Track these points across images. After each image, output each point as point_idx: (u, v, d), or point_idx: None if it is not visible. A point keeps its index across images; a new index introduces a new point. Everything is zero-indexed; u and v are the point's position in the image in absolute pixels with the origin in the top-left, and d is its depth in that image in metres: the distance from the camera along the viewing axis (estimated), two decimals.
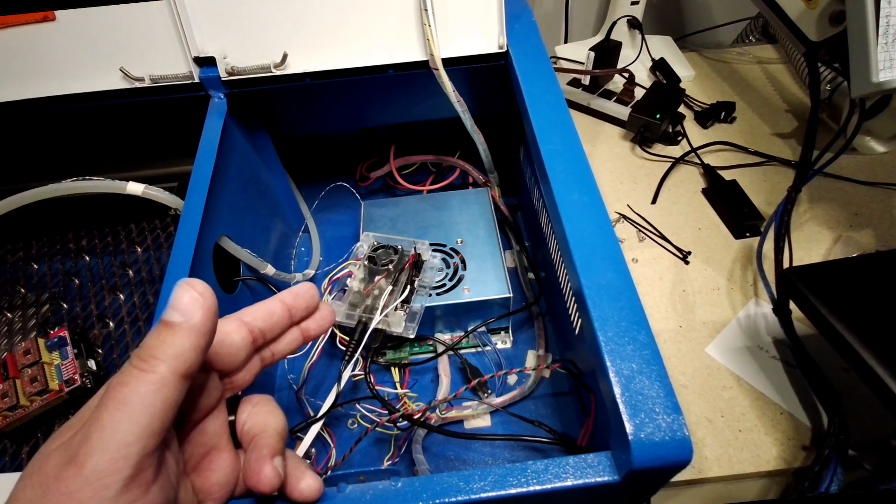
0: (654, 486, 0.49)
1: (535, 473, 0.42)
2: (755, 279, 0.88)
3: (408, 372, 0.77)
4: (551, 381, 0.75)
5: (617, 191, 1.04)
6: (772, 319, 0.81)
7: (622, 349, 0.45)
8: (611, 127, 1.18)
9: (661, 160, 1.09)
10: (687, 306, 0.85)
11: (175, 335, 0.34)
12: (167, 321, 0.34)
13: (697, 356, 0.79)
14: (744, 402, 0.74)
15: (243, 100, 0.77)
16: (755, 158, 1.08)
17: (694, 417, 0.73)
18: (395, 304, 0.66)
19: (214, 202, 0.65)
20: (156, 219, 0.97)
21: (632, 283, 0.49)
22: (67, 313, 0.86)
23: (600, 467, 0.43)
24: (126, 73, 0.71)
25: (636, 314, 0.47)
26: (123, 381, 0.33)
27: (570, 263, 0.52)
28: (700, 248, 0.93)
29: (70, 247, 0.95)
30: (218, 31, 0.71)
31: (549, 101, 0.66)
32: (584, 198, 0.56)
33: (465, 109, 0.75)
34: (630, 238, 0.96)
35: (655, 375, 0.44)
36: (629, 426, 0.41)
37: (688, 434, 0.41)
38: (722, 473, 0.68)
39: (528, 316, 0.82)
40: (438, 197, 0.88)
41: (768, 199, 0.99)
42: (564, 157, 0.60)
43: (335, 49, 0.71)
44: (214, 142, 0.69)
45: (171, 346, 0.34)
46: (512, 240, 0.91)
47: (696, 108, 1.19)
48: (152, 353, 0.33)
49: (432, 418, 0.70)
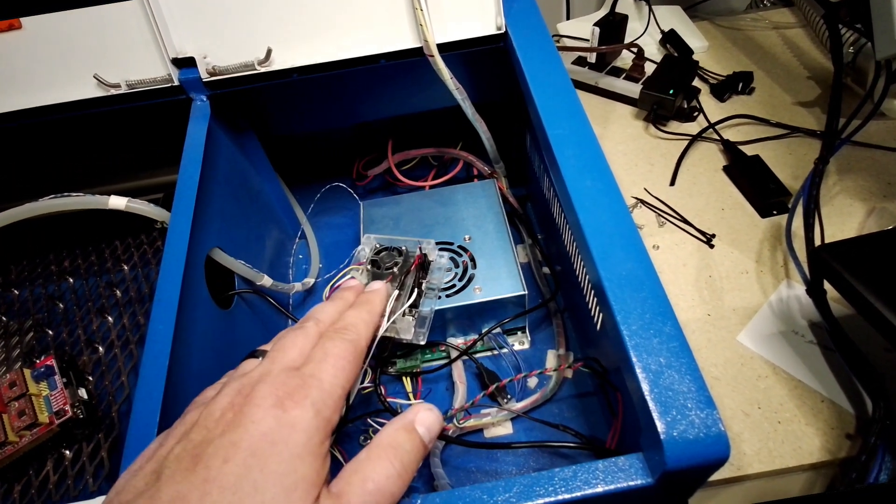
0: (690, 487, 0.49)
1: (564, 481, 0.42)
2: (785, 259, 0.88)
3: (420, 381, 0.77)
4: (574, 382, 0.75)
5: (632, 174, 1.04)
6: (806, 301, 0.81)
7: (648, 343, 0.45)
8: (622, 106, 1.18)
9: (677, 138, 1.09)
10: (714, 293, 0.85)
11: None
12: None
13: (729, 345, 0.79)
14: (781, 392, 0.74)
15: (228, 101, 0.77)
16: (778, 130, 1.08)
17: (729, 411, 0.73)
18: (402, 309, 0.66)
19: (203, 212, 0.65)
20: (142, 234, 0.97)
21: (654, 271, 0.49)
22: (53, 340, 0.86)
23: (632, 470, 0.43)
24: (101, 80, 0.71)
25: (661, 304, 0.47)
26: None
27: (586, 254, 0.52)
28: (724, 229, 0.93)
29: (52, 269, 0.95)
30: (196, 30, 0.71)
31: (554, 83, 0.66)
32: (597, 184, 0.56)
33: (464, 97, 0.75)
34: (649, 223, 0.96)
35: (685, 369, 0.44)
36: (660, 424, 0.41)
37: (723, 429, 0.41)
38: (762, 469, 0.68)
39: (546, 313, 0.82)
40: (442, 192, 0.88)
41: (794, 174, 0.99)
42: (574, 141, 0.60)
43: (322, 41, 0.72)
44: (199, 147, 0.69)
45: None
46: (523, 233, 0.91)
47: (712, 80, 1.19)
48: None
49: (450, 429, 0.70)
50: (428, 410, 0.47)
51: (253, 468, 0.36)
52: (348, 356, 0.46)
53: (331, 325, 0.50)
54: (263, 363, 0.45)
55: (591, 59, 1.22)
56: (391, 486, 0.40)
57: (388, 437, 0.43)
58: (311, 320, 0.50)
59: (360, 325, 0.50)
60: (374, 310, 0.55)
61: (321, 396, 0.41)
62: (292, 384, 0.41)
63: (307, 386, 0.42)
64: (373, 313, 0.54)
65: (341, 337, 0.48)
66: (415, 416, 0.45)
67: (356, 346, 0.48)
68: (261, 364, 0.45)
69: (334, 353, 0.45)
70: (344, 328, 0.49)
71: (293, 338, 0.47)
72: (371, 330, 0.52)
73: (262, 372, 0.43)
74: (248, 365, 0.46)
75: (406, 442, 0.43)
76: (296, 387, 0.41)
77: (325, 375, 0.43)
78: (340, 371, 0.44)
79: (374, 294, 0.57)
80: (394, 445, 0.42)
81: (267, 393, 0.40)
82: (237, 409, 0.40)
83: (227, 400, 0.41)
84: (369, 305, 0.55)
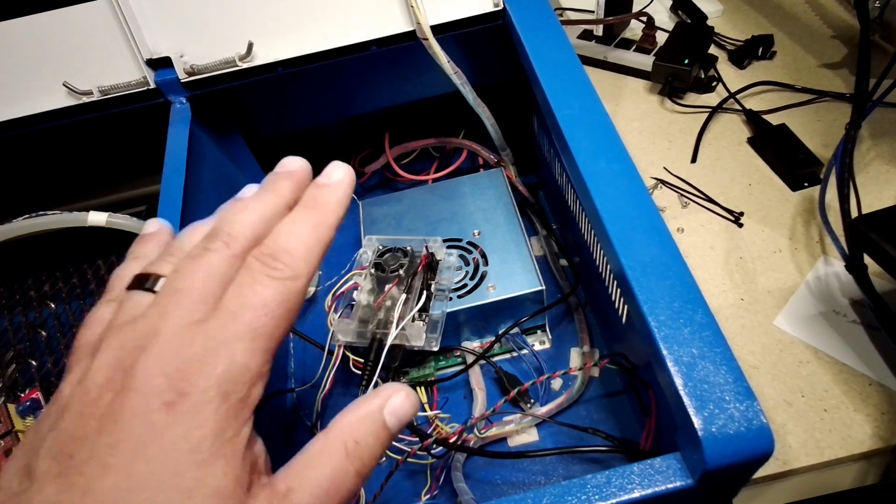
0: (734, 485, 0.49)
1: (597, 488, 0.43)
2: (821, 234, 0.88)
3: (436, 390, 0.77)
4: (602, 381, 0.75)
5: (650, 153, 1.04)
6: (846, 278, 0.81)
7: (678, 333, 0.45)
8: (634, 80, 1.18)
9: (696, 111, 1.09)
10: (746, 275, 0.85)
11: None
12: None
13: (766, 331, 0.79)
14: (825, 378, 0.74)
15: (209, 102, 0.77)
16: (804, 96, 1.07)
17: (770, 402, 0.73)
18: (411, 314, 0.66)
19: (190, 223, 0.65)
20: (126, 250, 0.97)
21: (680, 256, 0.49)
22: (38, 371, 0.86)
23: (670, 472, 0.43)
24: (71, 88, 0.72)
25: (689, 291, 0.47)
26: None
27: (606, 242, 0.53)
28: (753, 206, 0.93)
29: (31, 294, 0.95)
30: (170, 27, 0.71)
31: (560, 60, 0.66)
32: (613, 166, 0.56)
33: (464, 81, 0.75)
34: (672, 205, 0.96)
35: (720, 359, 0.44)
36: (697, 420, 0.41)
37: (766, 421, 0.41)
38: (810, 462, 0.68)
39: (566, 309, 0.82)
40: (446, 185, 0.88)
41: (825, 141, 0.99)
42: (585, 121, 0.60)
43: (307, 31, 0.72)
44: (182, 153, 0.69)
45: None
46: (537, 224, 0.91)
47: (729, 46, 1.19)
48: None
49: (471, 440, 0.70)
50: (402, 395, 0.39)
51: (143, 480, 0.31)
52: (276, 309, 0.36)
53: (252, 243, 0.38)
54: (151, 313, 0.35)
55: (597, 31, 1.22)
56: (348, 483, 0.35)
57: (349, 428, 0.37)
58: (219, 238, 0.37)
59: (298, 252, 0.37)
60: (326, 222, 0.40)
61: (231, 373, 0.33)
62: (188, 355, 0.33)
63: (210, 358, 0.33)
64: (322, 228, 0.40)
65: (268, 275, 0.36)
66: (384, 403, 0.38)
67: (290, 289, 0.36)
68: (148, 313, 0.35)
69: (254, 305, 0.35)
70: (273, 256, 0.37)
71: (192, 271, 0.36)
72: (316, 258, 0.39)
73: (148, 330, 0.34)
74: (133, 303, 0.37)
75: (369, 435, 0.37)
76: (194, 360, 0.33)
77: (237, 342, 0.34)
78: (261, 332, 0.35)
79: (327, 192, 0.41)
80: (355, 438, 0.36)
81: (153, 371, 0.32)
82: (116, 389, 0.32)
83: (102, 375, 0.33)
84: (318, 214, 0.40)
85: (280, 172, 0.42)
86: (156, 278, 0.37)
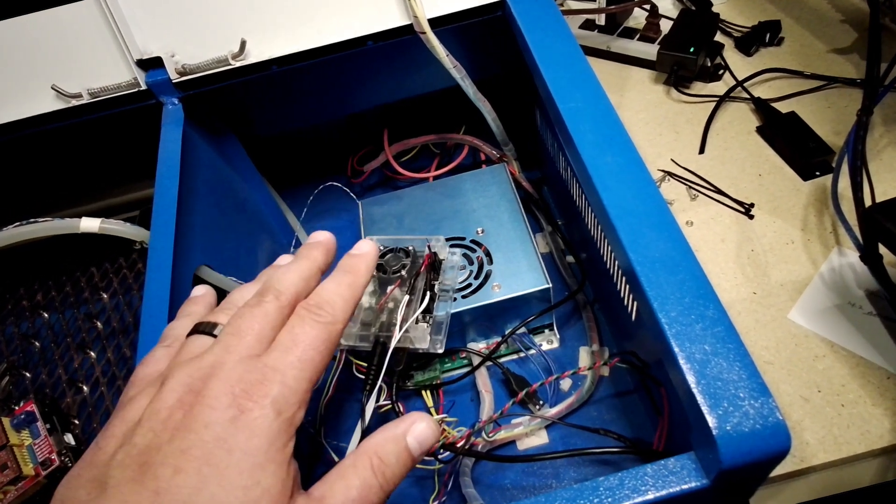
0: (750, 485, 0.49)
1: (609, 491, 0.43)
2: (834, 224, 0.87)
3: (442, 393, 0.77)
4: (612, 380, 0.75)
5: (656, 144, 1.04)
6: (861, 269, 0.81)
7: (690, 330, 0.45)
8: (638, 70, 1.18)
9: (703, 101, 1.09)
10: (759, 268, 0.85)
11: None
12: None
13: (780, 325, 0.79)
14: (842, 372, 0.74)
15: (202, 102, 0.77)
16: (813, 83, 1.07)
17: (786, 398, 0.73)
18: (415, 315, 0.66)
19: (186, 227, 0.65)
20: (120, 257, 0.97)
21: (690, 250, 0.49)
22: (32, 383, 0.86)
23: (684, 472, 0.43)
24: (60, 91, 0.72)
25: (700, 286, 0.47)
26: None
27: (613, 238, 0.53)
28: (764, 197, 0.93)
29: (23, 304, 0.95)
30: (161, 26, 0.71)
31: (562, 51, 0.66)
32: (618, 158, 0.56)
33: (463, 75, 0.75)
34: (680, 197, 0.96)
35: (733, 355, 0.44)
36: (711, 419, 0.41)
37: (782, 418, 0.41)
38: (828, 459, 0.68)
39: (574, 307, 0.82)
40: (448, 183, 0.88)
41: (836, 129, 0.99)
42: (589, 114, 0.60)
43: (301, 27, 0.72)
44: (175, 156, 0.69)
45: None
46: (542, 220, 0.91)
47: (735, 33, 1.19)
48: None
49: (479, 443, 0.70)
50: (424, 423, 0.46)
51: (209, 480, 0.36)
52: (320, 345, 0.44)
53: (296, 298, 0.47)
54: (216, 349, 0.43)
55: (599, 21, 1.22)
56: (373, 497, 0.41)
57: (376, 447, 0.44)
58: (270, 293, 0.46)
59: (337, 304, 0.47)
60: (358, 282, 0.51)
61: (284, 394, 0.40)
62: (250, 379, 0.40)
63: (268, 381, 0.40)
64: (355, 287, 0.51)
65: (314, 319, 0.45)
66: (408, 428, 0.45)
67: (331, 331, 0.45)
68: (213, 349, 0.43)
69: (304, 342, 0.43)
70: (318, 306, 0.46)
71: (250, 317, 0.44)
72: (350, 308, 0.49)
73: (214, 361, 0.41)
74: (196, 344, 0.45)
75: (392, 454, 0.44)
76: (255, 382, 0.40)
77: (289, 370, 0.42)
78: (308, 364, 0.43)
79: (358, 260, 0.53)
80: (380, 455, 0.43)
81: (221, 391, 0.39)
82: (187, 408, 0.39)
83: (174, 397, 0.40)
84: (352, 276, 0.51)
85: (312, 243, 0.53)
86: (214, 325, 0.47)
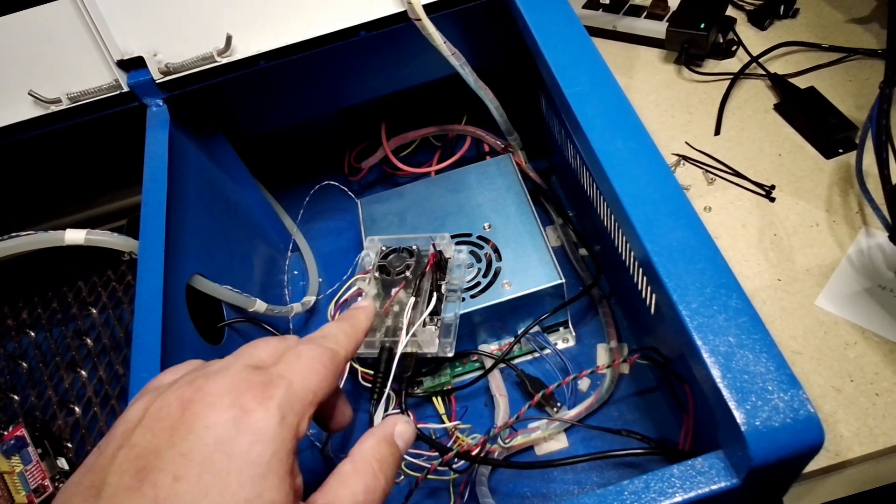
0: (784, 482, 0.49)
1: (635, 494, 0.43)
2: (860, 204, 0.87)
3: (454, 399, 0.78)
4: (633, 378, 0.75)
5: (669, 127, 1.04)
6: (890, 249, 0.80)
7: (712, 321, 0.45)
8: (647, 50, 1.18)
9: (716, 79, 1.09)
10: (782, 253, 0.85)
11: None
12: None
13: (807, 312, 0.79)
14: (875, 359, 0.74)
15: (188, 102, 0.77)
16: (832, 55, 1.07)
17: (817, 389, 0.73)
18: (422, 318, 0.66)
19: (176, 235, 0.66)
20: (108, 269, 0.97)
21: (709, 237, 0.49)
22: (21, 406, 0.86)
23: (713, 472, 0.43)
24: (37, 97, 0.72)
25: (722, 275, 0.47)
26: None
27: (628, 227, 0.52)
28: (785, 178, 0.93)
29: (8, 323, 0.95)
30: (141, 24, 0.71)
31: (565, 33, 0.66)
32: (629, 144, 0.56)
33: (463, 63, 0.75)
34: (697, 182, 0.96)
35: (760, 346, 0.44)
36: (739, 414, 0.41)
37: (813, 411, 0.41)
38: (864, 452, 0.68)
39: (590, 302, 0.82)
40: (451, 177, 0.88)
41: (858, 103, 0.99)
42: (596, 97, 0.60)
43: (289, 19, 0.72)
44: (162, 160, 0.69)
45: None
46: (551, 212, 0.91)
47: (748, 7, 1.18)
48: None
49: (495, 450, 0.70)
50: (405, 424, 0.49)
51: (210, 489, 0.36)
52: (325, 361, 0.46)
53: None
54: (226, 358, 0.45)
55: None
56: (378, 499, 0.42)
57: (373, 451, 0.45)
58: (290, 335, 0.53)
59: (339, 336, 0.51)
60: (357, 325, 0.56)
61: (289, 399, 0.40)
62: (255, 381, 0.40)
63: (273, 385, 0.41)
64: (355, 327, 0.55)
65: (318, 343, 0.48)
66: (393, 430, 0.48)
67: (334, 354, 0.48)
68: (221, 361, 0.44)
69: (309, 357, 0.45)
70: (322, 336, 0.51)
71: (266, 340, 0.47)
72: (352, 344, 0.53)
73: (221, 366, 0.43)
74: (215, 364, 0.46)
75: (389, 455, 0.45)
76: (259, 384, 0.40)
77: (295, 377, 0.42)
78: (314, 374, 0.44)
79: (357, 310, 0.59)
80: (378, 458, 0.45)
81: (223, 388, 0.39)
82: (186, 404, 0.39)
83: (175, 396, 0.40)
84: (352, 320, 0.56)
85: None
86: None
